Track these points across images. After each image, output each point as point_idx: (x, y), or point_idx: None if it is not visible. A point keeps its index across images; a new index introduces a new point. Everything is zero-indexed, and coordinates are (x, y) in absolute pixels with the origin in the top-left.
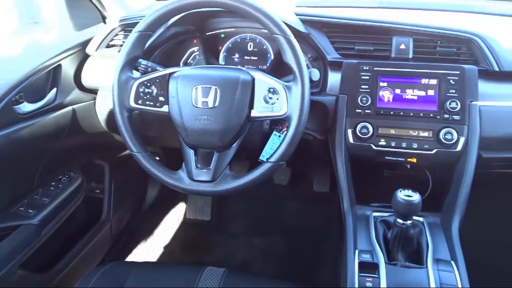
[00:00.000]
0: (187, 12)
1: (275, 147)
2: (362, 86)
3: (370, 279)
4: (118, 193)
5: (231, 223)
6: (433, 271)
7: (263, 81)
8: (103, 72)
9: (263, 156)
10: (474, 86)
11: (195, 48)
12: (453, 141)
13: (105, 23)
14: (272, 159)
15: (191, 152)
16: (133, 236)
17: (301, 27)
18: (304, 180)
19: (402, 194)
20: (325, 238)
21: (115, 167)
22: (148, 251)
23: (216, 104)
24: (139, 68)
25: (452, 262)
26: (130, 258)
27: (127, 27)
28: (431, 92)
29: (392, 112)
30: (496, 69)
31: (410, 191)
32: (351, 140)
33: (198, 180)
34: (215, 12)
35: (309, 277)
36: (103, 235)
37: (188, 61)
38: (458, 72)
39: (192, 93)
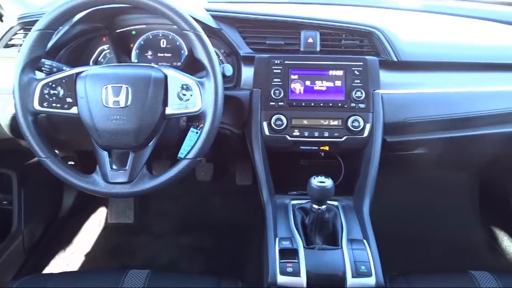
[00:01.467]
0: (92, 9)
1: (192, 144)
2: (275, 80)
3: (291, 265)
4: (30, 202)
5: (155, 223)
6: (348, 250)
7: (176, 78)
8: (2, 75)
9: (181, 154)
10: (376, 76)
11: (105, 46)
12: (360, 128)
13: (1, 21)
14: (190, 156)
15: (105, 154)
16: (49, 247)
17: (212, 23)
18: (227, 175)
19: (316, 181)
20: (250, 230)
21: (24, 175)
22: (67, 261)
23: (128, 103)
24: (43, 68)
25: (364, 241)
26: (48, 270)
27: (26, 25)
28: (338, 83)
29: (303, 103)
30: (395, 59)
31: (323, 177)
32: (266, 132)
33: (114, 182)
34: (123, 8)
35: (236, 270)
36: (15, 249)
37: (99, 60)
38: (361, 63)
39: (102, 93)
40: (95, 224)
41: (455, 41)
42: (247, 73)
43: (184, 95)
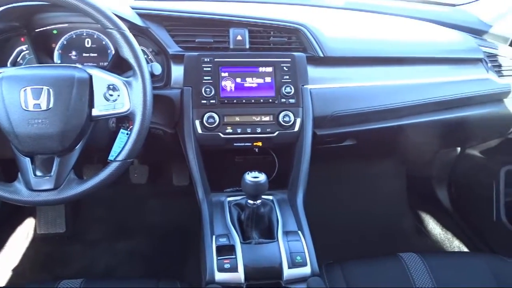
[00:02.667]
0: (4, 7)
1: (122, 145)
2: (205, 78)
3: (228, 261)
4: None
5: (90, 230)
6: (283, 242)
7: (102, 78)
8: None
9: (111, 156)
10: (304, 71)
11: (24, 47)
12: (291, 123)
13: None
14: (120, 158)
15: (26, 160)
16: None
17: (138, 21)
18: (163, 176)
19: (250, 176)
20: (189, 230)
21: None
22: None
23: (51, 106)
24: None
25: (299, 232)
26: None
27: None
28: (268, 79)
29: (235, 100)
30: (321, 55)
31: (256, 172)
32: (199, 131)
33: (39, 189)
34: (42, 6)
35: (177, 271)
36: None
37: (17, 61)
38: (290, 60)
39: (20, 96)
40: (22, 236)
41: (377, 37)
42: (177, 71)
43: (111, 95)
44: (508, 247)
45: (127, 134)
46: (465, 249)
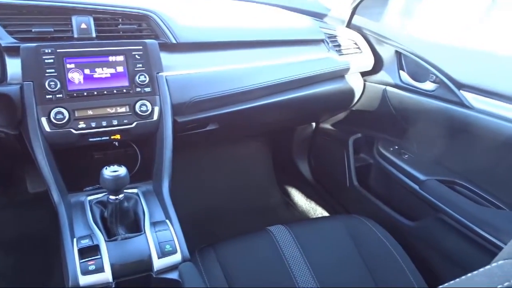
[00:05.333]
0: None
1: None
2: (48, 70)
3: (93, 262)
4: None
5: None
6: (151, 233)
7: None
8: None
9: None
10: (158, 59)
11: None
12: (149, 112)
13: None
14: None
15: None
16: None
17: None
18: (15, 184)
19: (108, 171)
20: (51, 239)
21: None
22: None
23: None
24: None
25: (167, 221)
26: None
27: None
28: (120, 69)
29: (85, 93)
30: (174, 41)
31: (116, 166)
32: (47, 129)
33: None
34: None
35: (43, 284)
36: None
37: None
38: (141, 47)
39: None
40: None
41: (230, 22)
42: (14, 66)
43: None
44: (360, 207)
45: None
46: (327, 214)
